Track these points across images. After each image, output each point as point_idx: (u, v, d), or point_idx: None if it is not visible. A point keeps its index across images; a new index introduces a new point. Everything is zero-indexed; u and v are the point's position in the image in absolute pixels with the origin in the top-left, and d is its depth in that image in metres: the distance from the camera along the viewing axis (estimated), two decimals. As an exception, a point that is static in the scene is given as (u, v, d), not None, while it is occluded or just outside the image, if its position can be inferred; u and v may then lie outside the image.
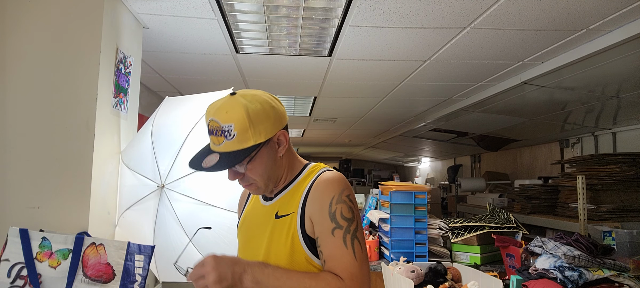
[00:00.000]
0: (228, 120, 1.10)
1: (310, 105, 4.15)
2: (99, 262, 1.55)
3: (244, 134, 1.10)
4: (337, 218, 1.10)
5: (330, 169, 1.23)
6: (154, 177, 1.78)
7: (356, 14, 1.95)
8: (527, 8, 1.84)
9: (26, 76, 1.70)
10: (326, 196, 1.13)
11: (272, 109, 1.15)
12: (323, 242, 1.11)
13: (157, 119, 1.93)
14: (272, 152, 1.17)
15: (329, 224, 1.10)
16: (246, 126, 1.10)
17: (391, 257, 2.66)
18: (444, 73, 2.86)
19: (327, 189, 1.14)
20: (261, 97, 1.16)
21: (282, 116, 1.19)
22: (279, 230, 1.17)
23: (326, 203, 1.12)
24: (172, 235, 1.77)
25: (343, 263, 1.07)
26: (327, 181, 1.16)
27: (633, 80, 2.40)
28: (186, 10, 1.96)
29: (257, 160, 1.15)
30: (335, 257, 1.08)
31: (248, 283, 1.03)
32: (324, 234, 1.11)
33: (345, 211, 1.11)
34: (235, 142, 1.10)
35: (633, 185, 2.99)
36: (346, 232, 1.09)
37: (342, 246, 1.08)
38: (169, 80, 3.20)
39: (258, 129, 1.11)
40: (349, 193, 1.14)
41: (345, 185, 1.15)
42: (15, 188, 1.65)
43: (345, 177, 1.20)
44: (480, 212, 3.50)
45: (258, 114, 1.12)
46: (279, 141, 1.18)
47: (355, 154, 10.58)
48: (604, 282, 1.87)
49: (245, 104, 1.11)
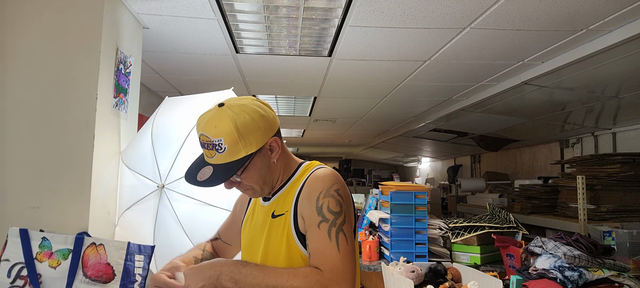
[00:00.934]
0: (217, 134, 1.10)
1: (310, 105, 4.15)
2: (99, 262, 1.55)
3: (234, 146, 1.10)
4: (324, 212, 1.10)
5: (323, 167, 1.24)
6: (154, 177, 1.78)
7: (356, 14, 1.95)
8: (527, 8, 1.84)
9: (26, 76, 1.70)
10: (315, 191, 1.13)
11: (261, 118, 1.15)
12: (309, 235, 1.11)
13: (157, 119, 1.93)
14: (265, 159, 1.17)
15: (315, 218, 1.10)
16: (235, 139, 1.10)
17: (391, 257, 2.66)
18: (444, 73, 2.86)
19: (317, 185, 1.14)
20: (249, 107, 1.15)
21: (272, 123, 1.18)
22: (275, 229, 1.19)
23: (314, 198, 1.12)
24: (172, 235, 1.77)
25: (325, 255, 1.06)
26: (318, 177, 1.16)
27: (633, 80, 2.40)
28: (186, 10, 1.96)
29: (251, 169, 1.16)
30: (318, 250, 1.08)
31: (227, 283, 1.04)
32: (311, 228, 1.11)
33: (332, 205, 1.11)
34: (226, 155, 1.11)
35: (633, 185, 2.99)
36: (332, 226, 1.09)
37: (326, 239, 1.07)
38: (169, 80, 3.20)
39: (248, 140, 1.12)
40: (338, 188, 1.14)
41: (335, 180, 1.15)
42: (15, 188, 1.65)
43: (339, 174, 1.20)
44: (480, 212, 3.50)
45: (247, 125, 1.11)
46: (271, 148, 1.19)
47: (355, 154, 10.57)
48: (604, 282, 1.86)
49: (233, 116, 1.11)
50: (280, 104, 4.19)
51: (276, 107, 4.31)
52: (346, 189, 1.17)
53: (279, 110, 4.46)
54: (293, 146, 8.73)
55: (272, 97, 3.91)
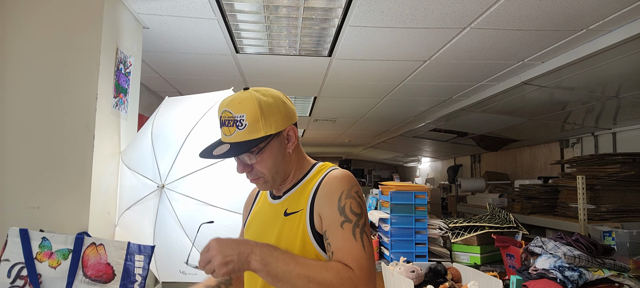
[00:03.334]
0: (241, 110, 1.13)
1: (310, 105, 4.15)
2: (99, 262, 1.55)
3: (255, 124, 1.13)
4: (347, 212, 1.11)
5: (338, 168, 1.24)
6: (154, 177, 1.78)
7: (356, 14, 1.95)
8: (527, 8, 1.84)
9: (26, 76, 1.70)
10: (335, 191, 1.14)
11: (283, 104, 1.19)
12: (332, 234, 1.11)
13: (157, 119, 1.93)
14: (281, 146, 1.19)
15: (338, 217, 1.11)
16: (258, 116, 1.13)
17: (391, 257, 2.66)
18: (444, 73, 2.86)
19: (337, 185, 1.15)
20: (273, 92, 1.20)
21: (292, 113, 1.22)
22: (288, 227, 1.18)
23: (335, 198, 1.13)
24: (172, 235, 1.77)
25: (352, 254, 1.07)
26: (337, 178, 1.17)
27: (633, 80, 2.40)
28: (186, 10, 1.96)
29: (267, 152, 1.17)
30: (345, 248, 1.08)
31: (255, 264, 1.01)
32: (332, 227, 1.11)
33: (355, 206, 1.12)
34: (246, 132, 1.13)
35: (633, 185, 2.99)
36: (355, 226, 1.10)
37: (352, 238, 1.08)
38: (169, 80, 3.20)
39: (269, 121, 1.15)
40: (357, 190, 1.16)
41: (354, 182, 1.17)
42: (15, 188, 1.65)
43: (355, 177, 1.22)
44: (480, 212, 3.49)
45: (270, 106, 1.16)
46: (288, 136, 1.21)
47: (355, 154, 10.57)
48: (604, 282, 1.86)
49: (258, 96, 1.15)
50: (280, 103, 4.18)
51: (276, 107, 4.30)
52: (362, 191, 1.19)
53: (279, 110, 4.46)
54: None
55: (272, 97, 3.90)
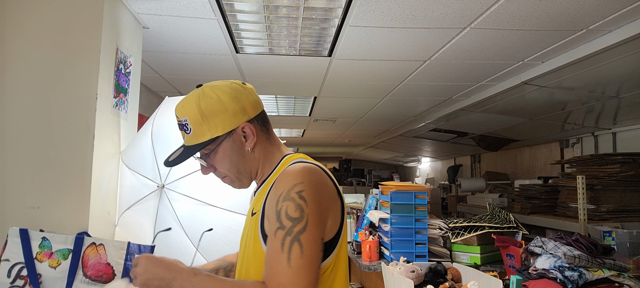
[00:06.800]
0: (183, 114, 1.10)
1: (310, 105, 4.15)
2: (99, 262, 1.55)
3: (199, 127, 1.09)
4: (281, 218, 0.98)
5: (302, 161, 1.10)
6: (154, 177, 1.78)
7: (356, 14, 1.95)
8: (527, 8, 1.84)
9: (26, 76, 1.70)
10: (276, 193, 1.02)
11: (232, 100, 1.10)
12: (268, 243, 1.01)
13: (157, 119, 1.93)
14: (236, 145, 1.12)
15: (274, 223, 0.99)
16: (199, 120, 1.08)
17: (391, 257, 2.66)
18: (444, 73, 2.86)
19: (281, 185, 1.02)
20: (221, 88, 1.11)
21: (247, 108, 1.12)
22: (250, 229, 1.11)
23: (275, 200, 1.01)
24: (172, 235, 1.77)
25: (273, 269, 0.95)
26: (285, 175, 1.04)
27: (633, 80, 2.40)
28: (186, 10, 1.96)
29: (220, 154, 1.12)
30: (268, 262, 0.98)
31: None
32: (270, 234, 1.00)
33: (291, 210, 0.97)
34: (193, 136, 1.10)
35: (633, 185, 2.99)
36: (287, 234, 0.96)
37: (278, 250, 0.96)
38: (169, 80, 3.20)
39: (213, 122, 1.08)
40: (301, 190, 0.99)
41: (301, 179, 1.01)
42: (15, 188, 1.65)
43: (314, 171, 1.05)
44: (480, 212, 3.49)
45: (211, 107, 1.08)
46: (245, 134, 1.12)
47: (355, 154, 10.57)
48: (604, 282, 1.86)
49: (198, 97, 1.09)
50: (280, 104, 4.19)
51: (276, 107, 4.31)
52: (316, 190, 1.01)
53: (279, 110, 4.46)
54: (293, 146, 8.72)
55: (272, 97, 3.91)
